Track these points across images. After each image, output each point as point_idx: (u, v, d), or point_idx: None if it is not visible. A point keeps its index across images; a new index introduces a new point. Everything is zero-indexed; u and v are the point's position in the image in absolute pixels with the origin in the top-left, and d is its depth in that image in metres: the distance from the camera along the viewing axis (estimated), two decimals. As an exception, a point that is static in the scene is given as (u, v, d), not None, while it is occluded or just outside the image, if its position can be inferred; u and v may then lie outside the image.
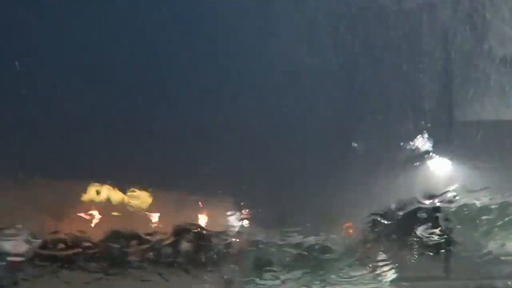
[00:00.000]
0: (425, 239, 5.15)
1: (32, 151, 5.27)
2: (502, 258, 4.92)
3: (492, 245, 4.92)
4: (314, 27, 5.58)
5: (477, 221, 5.00)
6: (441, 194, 5.21)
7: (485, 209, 4.98)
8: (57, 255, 4.92)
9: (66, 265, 4.89)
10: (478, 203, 4.98)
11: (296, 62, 5.57)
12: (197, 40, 5.86)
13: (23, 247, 4.90)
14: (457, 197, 5.11)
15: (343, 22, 5.60)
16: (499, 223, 4.93)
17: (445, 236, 5.11)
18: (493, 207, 4.95)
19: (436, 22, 5.64)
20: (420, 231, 5.17)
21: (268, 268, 5.11)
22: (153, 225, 5.41)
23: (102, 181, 5.23)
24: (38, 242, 4.95)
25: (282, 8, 5.58)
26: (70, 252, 4.95)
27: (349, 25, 5.56)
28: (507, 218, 4.92)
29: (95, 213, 5.23)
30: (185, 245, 5.34)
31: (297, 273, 5.04)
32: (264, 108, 5.89)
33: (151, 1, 5.68)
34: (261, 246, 5.35)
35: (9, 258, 4.84)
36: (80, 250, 4.96)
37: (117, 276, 4.81)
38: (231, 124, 5.85)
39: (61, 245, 4.97)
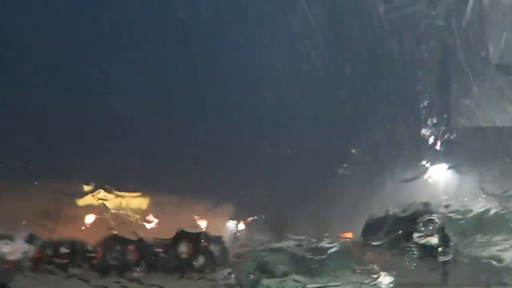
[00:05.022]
0: (423, 246, 5.14)
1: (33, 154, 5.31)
2: (499, 264, 4.88)
3: (489, 252, 4.89)
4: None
5: (475, 227, 4.98)
6: (439, 200, 5.20)
7: (483, 215, 4.95)
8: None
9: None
10: (475, 209, 4.96)
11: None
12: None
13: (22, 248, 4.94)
14: (454, 204, 5.09)
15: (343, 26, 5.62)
16: (497, 229, 4.90)
17: (443, 242, 5.10)
18: (491, 213, 4.92)
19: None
20: (418, 237, 5.16)
21: (269, 273, 5.12)
22: (151, 230, 5.42)
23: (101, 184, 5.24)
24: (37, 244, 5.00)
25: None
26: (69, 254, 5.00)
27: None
28: (505, 224, 4.89)
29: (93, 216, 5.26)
30: (184, 249, 5.37)
31: (296, 279, 5.04)
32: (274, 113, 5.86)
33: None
34: (261, 251, 5.36)
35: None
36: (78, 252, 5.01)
37: (115, 279, 4.84)
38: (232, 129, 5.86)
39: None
